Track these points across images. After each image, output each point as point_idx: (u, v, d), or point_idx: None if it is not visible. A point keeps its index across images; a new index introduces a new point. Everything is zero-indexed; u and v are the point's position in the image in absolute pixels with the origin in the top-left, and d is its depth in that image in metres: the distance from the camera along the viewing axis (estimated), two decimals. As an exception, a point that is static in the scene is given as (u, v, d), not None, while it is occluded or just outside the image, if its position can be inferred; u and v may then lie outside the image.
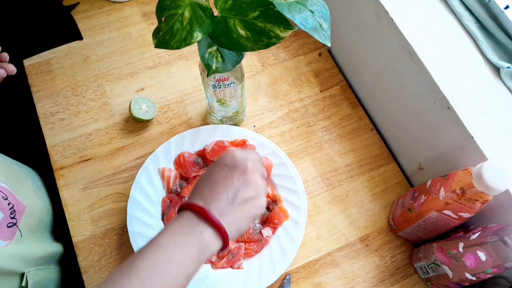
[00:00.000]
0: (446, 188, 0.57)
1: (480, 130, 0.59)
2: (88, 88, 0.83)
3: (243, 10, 0.50)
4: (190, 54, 0.87)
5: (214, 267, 0.67)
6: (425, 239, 0.69)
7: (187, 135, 0.74)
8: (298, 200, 0.70)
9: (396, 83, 0.72)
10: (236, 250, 0.68)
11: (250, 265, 0.68)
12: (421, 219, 0.63)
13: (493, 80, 0.62)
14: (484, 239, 0.54)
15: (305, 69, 0.86)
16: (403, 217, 0.68)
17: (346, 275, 0.70)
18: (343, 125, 0.81)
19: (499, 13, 0.63)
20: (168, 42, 0.50)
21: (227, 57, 0.56)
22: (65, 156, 0.77)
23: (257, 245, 0.69)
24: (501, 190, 0.52)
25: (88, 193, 0.74)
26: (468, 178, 0.54)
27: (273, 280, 0.66)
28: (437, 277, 0.64)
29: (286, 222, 0.69)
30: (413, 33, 0.64)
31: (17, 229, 0.64)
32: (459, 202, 0.55)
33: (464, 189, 0.54)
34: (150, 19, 0.89)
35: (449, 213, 0.58)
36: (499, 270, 0.53)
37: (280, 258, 0.67)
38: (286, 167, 0.72)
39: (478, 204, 0.54)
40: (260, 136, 0.74)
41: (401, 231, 0.70)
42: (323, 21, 0.50)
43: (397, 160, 0.79)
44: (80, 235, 0.71)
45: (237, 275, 0.67)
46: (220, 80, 0.63)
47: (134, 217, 0.68)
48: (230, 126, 0.75)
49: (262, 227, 0.70)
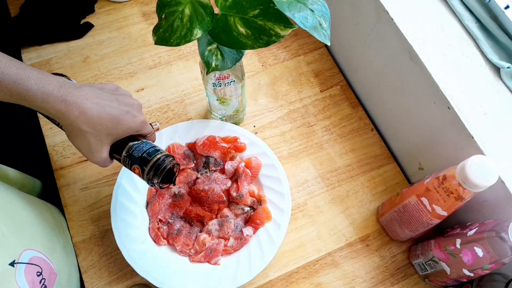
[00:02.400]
0: (435, 175, 0.58)
1: (480, 130, 0.59)
2: (88, 88, 0.83)
3: (243, 8, 0.50)
4: (190, 54, 0.87)
5: (192, 260, 0.67)
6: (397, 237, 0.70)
7: (180, 127, 0.74)
8: (282, 202, 0.70)
9: (396, 83, 0.72)
10: (215, 246, 0.68)
11: (227, 262, 0.68)
12: (402, 203, 0.64)
13: (493, 80, 0.62)
14: (481, 235, 0.54)
15: (305, 69, 0.86)
16: (390, 200, 0.69)
17: (346, 275, 0.70)
18: (343, 125, 0.81)
19: (499, 13, 0.63)
20: (168, 39, 0.50)
21: (227, 55, 0.56)
22: (65, 156, 0.77)
23: (237, 243, 0.69)
24: (480, 186, 0.52)
25: (88, 193, 0.74)
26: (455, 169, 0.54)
27: (247, 280, 0.65)
28: (435, 274, 0.64)
29: (268, 223, 0.69)
30: (413, 33, 0.64)
31: None
32: (437, 191, 0.56)
33: (446, 177, 0.55)
34: (150, 19, 0.89)
35: (425, 201, 0.59)
36: (496, 266, 0.53)
37: (257, 258, 0.67)
38: (274, 168, 0.72)
39: (452, 199, 0.55)
40: (252, 134, 0.74)
41: (383, 216, 0.71)
42: (323, 20, 0.50)
43: (397, 160, 0.79)
44: (80, 235, 0.71)
45: (213, 271, 0.67)
46: (220, 79, 0.63)
47: (119, 203, 0.68)
48: (224, 122, 0.75)
49: (244, 226, 0.70)
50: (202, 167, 0.73)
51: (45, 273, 0.60)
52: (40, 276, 0.58)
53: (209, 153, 0.73)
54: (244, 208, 0.71)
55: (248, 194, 0.71)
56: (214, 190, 0.71)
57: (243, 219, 0.71)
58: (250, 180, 0.72)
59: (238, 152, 0.74)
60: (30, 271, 0.57)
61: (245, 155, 0.73)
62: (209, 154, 0.73)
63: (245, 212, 0.71)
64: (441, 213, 0.57)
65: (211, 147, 0.73)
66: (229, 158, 0.73)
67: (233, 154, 0.73)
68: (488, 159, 0.52)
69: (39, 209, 0.68)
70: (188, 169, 0.73)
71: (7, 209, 0.60)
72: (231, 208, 0.71)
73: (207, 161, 0.73)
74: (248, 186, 0.71)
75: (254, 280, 0.69)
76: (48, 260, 0.62)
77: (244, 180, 0.71)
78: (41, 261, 0.60)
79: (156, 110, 0.81)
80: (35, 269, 0.58)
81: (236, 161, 0.73)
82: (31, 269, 0.57)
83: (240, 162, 0.72)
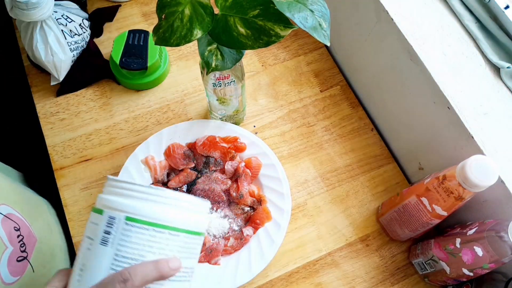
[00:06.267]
0: (435, 175, 0.58)
1: (480, 130, 0.59)
2: (88, 88, 0.83)
3: (243, 8, 0.50)
4: (190, 54, 0.87)
5: None
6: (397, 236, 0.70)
7: (180, 127, 0.74)
8: (282, 203, 0.70)
9: (396, 83, 0.72)
10: (215, 245, 0.68)
11: (227, 262, 0.68)
12: (402, 203, 0.64)
13: (493, 80, 0.62)
14: (481, 234, 0.54)
15: (305, 69, 0.86)
16: (390, 200, 0.69)
17: (346, 275, 0.70)
18: (343, 125, 0.81)
19: (499, 13, 0.63)
20: (168, 39, 0.50)
21: (227, 55, 0.56)
22: (65, 156, 0.77)
23: (237, 243, 0.69)
24: (480, 186, 0.52)
25: (88, 193, 0.74)
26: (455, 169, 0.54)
27: (247, 280, 0.65)
28: (434, 273, 0.64)
29: (268, 223, 0.69)
30: (413, 33, 0.64)
31: (28, 263, 0.60)
32: (436, 191, 0.56)
33: (446, 177, 0.55)
34: (150, 19, 0.89)
35: (425, 201, 0.59)
36: (496, 265, 0.53)
37: (257, 258, 0.67)
38: (274, 168, 0.72)
39: (452, 199, 0.55)
40: (252, 134, 0.74)
41: (383, 216, 0.71)
42: (323, 20, 0.50)
43: (397, 160, 0.79)
44: (80, 235, 0.71)
45: (212, 270, 0.67)
46: (220, 79, 0.63)
47: None
48: (224, 122, 0.75)
49: (244, 226, 0.70)
50: (202, 167, 0.73)
51: (23, 232, 0.60)
52: (18, 231, 0.58)
53: (209, 153, 0.73)
54: (244, 208, 0.71)
55: (248, 194, 0.71)
56: (214, 190, 0.71)
57: (243, 219, 0.71)
58: (250, 180, 0.72)
59: (238, 152, 0.74)
60: (7, 224, 0.57)
61: (245, 155, 0.74)
62: (209, 154, 0.73)
63: (245, 212, 0.71)
64: (441, 213, 0.58)
65: (211, 147, 0.73)
66: (229, 158, 0.73)
67: (233, 154, 0.73)
68: (488, 159, 0.52)
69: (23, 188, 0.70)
70: (188, 169, 0.73)
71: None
72: (231, 208, 0.71)
73: (207, 161, 0.73)
74: (248, 186, 0.71)
75: (254, 280, 0.69)
76: (26, 223, 0.62)
77: (244, 180, 0.71)
78: (19, 220, 0.60)
79: (156, 110, 0.81)
80: (12, 224, 0.58)
81: (236, 161, 0.73)
82: (8, 222, 0.57)
83: (240, 162, 0.72)
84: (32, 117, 0.81)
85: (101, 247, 0.40)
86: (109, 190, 0.43)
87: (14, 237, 0.58)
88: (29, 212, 0.65)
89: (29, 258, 0.60)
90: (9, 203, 0.60)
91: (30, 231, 0.62)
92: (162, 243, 0.41)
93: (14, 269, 0.57)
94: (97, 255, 0.40)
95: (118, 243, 0.40)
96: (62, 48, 0.77)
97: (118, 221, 0.40)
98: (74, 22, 0.79)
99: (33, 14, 0.69)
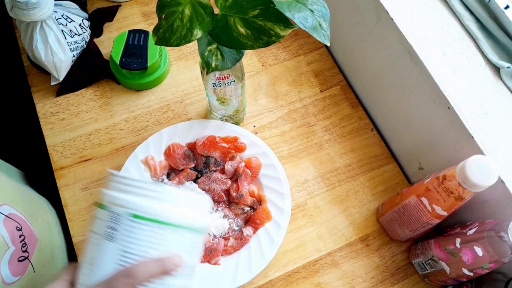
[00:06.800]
0: (435, 175, 0.58)
1: (480, 130, 0.59)
2: (88, 88, 0.83)
3: (243, 8, 0.50)
4: (190, 54, 0.87)
5: None
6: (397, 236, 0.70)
7: (180, 127, 0.74)
8: (282, 203, 0.70)
9: (396, 83, 0.72)
10: (215, 245, 0.68)
11: (227, 262, 0.68)
12: (402, 203, 0.64)
13: (493, 80, 0.62)
14: (481, 234, 0.54)
15: (305, 69, 0.86)
16: (390, 200, 0.69)
17: (346, 275, 0.70)
18: (343, 125, 0.81)
19: (499, 13, 0.63)
20: (168, 40, 0.50)
21: (227, 55, 0.56)
22: (65, 156, 0.77)
23: (237, 243, 0.69)
24: (480, 186, 0.52)
25: (88, 193, 0.74)
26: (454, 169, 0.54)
27: (247, 280, 0.65)
28: (434, 273, 0.64)
29: (268, 223, 0.69)
30: (413, 33, 0.64)
31: (29, 263, 0.60)
32: (436, 191, 0.56)
33: (446, 177, 0.55)
34: (150, 19, 0.89)
35: (425, 201, 0.59)
36: (496, 265, 0.53)
37: (257, 258, 0.67)
38: (274, 169, 0.72)
39: (452, 199, 0.55)
40: (252, 134, 0.74)
41: (383, 216, 0.71)
42: (323, 20, 0.50)
43: (397, 160, 0.79)
44: (80, 235, 0.71)
45: (212, 270, 0.67)
46: (220, 79, 0.63)
47: None
48: (224, 122, 0.75)
49: (244, 226, 0.70)
50: (202, 167, 0.73)
51: (25, 232, 0.60)
52: (19, 231, 0.59)
53: (209, 153, 0.73)
54: (244, 208, 0.71)
55: (248, 194, 0.71)
56: (214, 190, 0.71)
57: (243, 219, 0.71)
58: (250, 180, 0.72)
59: (238, 152, 0.74)
60: (8, 223, 0.57)
61: (245, 155, 0.74)
62: (209, 154, 0.73)
63: (245, 212, 0.71)
64: (441, 213, 0.58)
65: (211, 147, 0.73)
66: (229, 158, 0.73)
67: (233, 154, 0.73)
68: (488, 159, 0.52)
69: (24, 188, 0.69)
70: (188, 169, 0.73)
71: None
72: (231, 208, 0.71)
73: (207, 161, 0.73)
74: (248, 186, 0.71)
75: (254, 280, 0.69)
76: (28, 223, 0.62)
77: (244, 180, 0.71)
78: (20, 220, 0.60)
79: (156, 110, 0.81)
80: (14, 224, 0.58)
81: (236, 161, 0.73)
82: (10, 222, 0.58)
83: (240, 162, 0.72)
84: (32, 117, 0.81)
85: (107, 243, 0.41)
86: (114, 186, 0.43)
87: (16, 237, 0.58)
88: (30, 212, 0.65)
89: (30, 258, 0.60)
90: (11, 203, 0.60)
91: (31, 231, 0.62)
92: (165, 240, 0.42)
93: (15, 269, 0.57)
94: (103, 250, 0.41)
95: (123, 239, 0.41)
96: (62, 48, 0.77)
97: (123, 218, 0.41)
98: (74, 22, 0.80)
99: (33, 14, 0.69)
